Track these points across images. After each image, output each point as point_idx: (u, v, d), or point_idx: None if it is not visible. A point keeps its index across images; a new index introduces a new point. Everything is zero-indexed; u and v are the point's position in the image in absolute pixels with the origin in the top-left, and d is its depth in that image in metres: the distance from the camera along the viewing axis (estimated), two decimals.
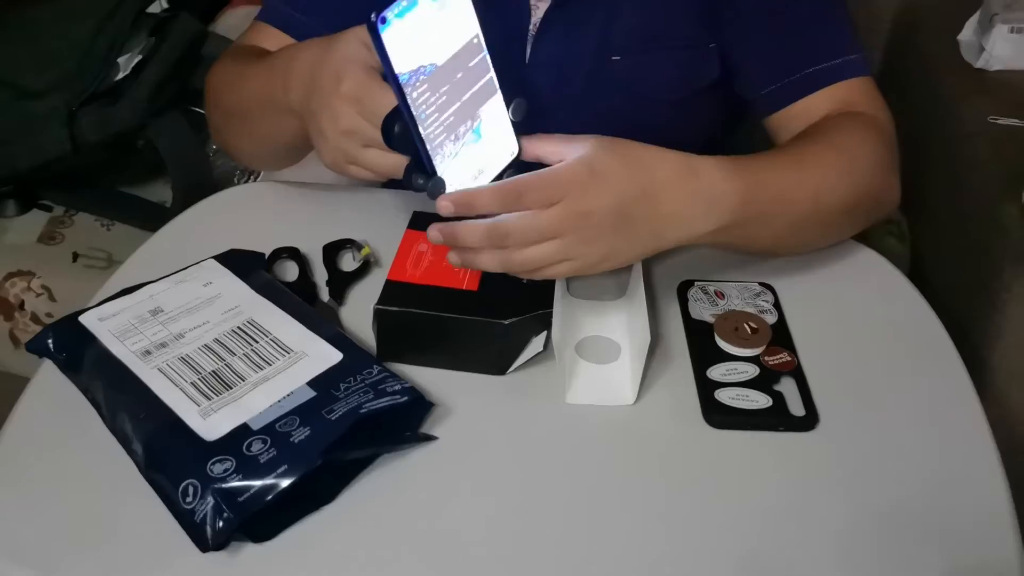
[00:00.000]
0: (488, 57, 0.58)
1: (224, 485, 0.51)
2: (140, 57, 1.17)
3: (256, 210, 0.83)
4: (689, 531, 0.55)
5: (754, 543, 0.55)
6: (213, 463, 0.52)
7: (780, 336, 0.68)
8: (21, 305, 1.14)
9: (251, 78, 0.76)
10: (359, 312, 0.69)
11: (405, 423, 0.59)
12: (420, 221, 0.73)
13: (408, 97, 0.53)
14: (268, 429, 0.54)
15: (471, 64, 0.57)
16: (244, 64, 0.79)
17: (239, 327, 0.62)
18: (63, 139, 1.12)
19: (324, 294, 0.72)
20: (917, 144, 1.25)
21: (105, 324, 0.62)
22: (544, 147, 0.61)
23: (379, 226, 0.77)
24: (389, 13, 0.51)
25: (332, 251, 0.75)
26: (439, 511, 0.56)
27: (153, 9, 1.30)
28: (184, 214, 0.81)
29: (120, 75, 1.14)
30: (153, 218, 1.21)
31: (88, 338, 0.61)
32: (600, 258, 0.60)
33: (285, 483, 0.51)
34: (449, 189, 0.57)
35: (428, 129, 0.55)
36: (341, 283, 0.72)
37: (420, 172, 0.57)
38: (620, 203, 0.59)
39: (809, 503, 0.57)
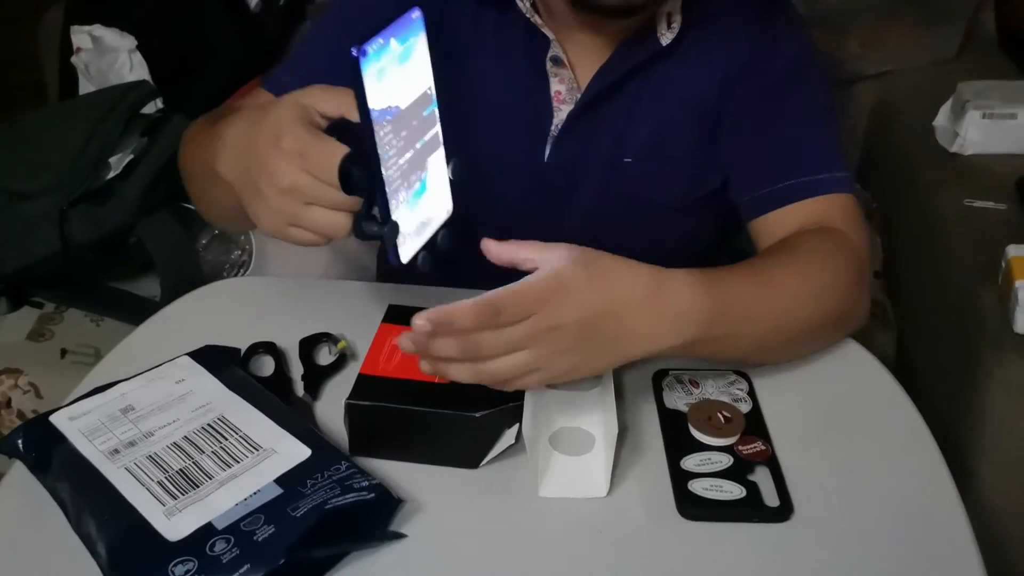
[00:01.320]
0: (436, 111, 0.59)
1: None
2: (132, 156, 1.20)
3: (237, 304, 0.84)
4: None
5: None
6: (175, 565, 0.52)
7: (754, 425, 0.67)
8: (8, 403, 1.14)
9: (200, 144, 0.76)
10: (334, 406, 0.69)
11: (373, 520, 0.58)
12: (394, 315, 0.73)
13: (376, 135, 0.54)
14: (232, 528, 0.54)
15: (424, 114, 0.58)
16: (205, 126, 0.79)
17: (209, 424, 0.62)
18: (53, 240, 1.14)
19: (299, 389, 0.72)
20: (897, 230, 1.27)
21: (75, 423, 0.62)
22: (519, 253, 0.61)
23: (357, 320, 0.78)
24: (369, 48, 0.52)
25: (309, 345, 0.75)
26: None
27: (148, 109, 1.34)
28: (166, 309, 0.82)
29: (111, 174, 1.17)
30: (143, 313, 1.21)
31: (58, 438, 0.61)
32: (568, 369, 0.60)
33: None
34: (400, 239, 0.57)
35: (388, 171, 0.55)
36: (316, 377, 0.72)
37: (372, 220, 0.56)
38: (586, 318, 0.59)
39: None
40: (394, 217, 0.56)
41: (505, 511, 0.62)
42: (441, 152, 0.61)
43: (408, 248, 0.59)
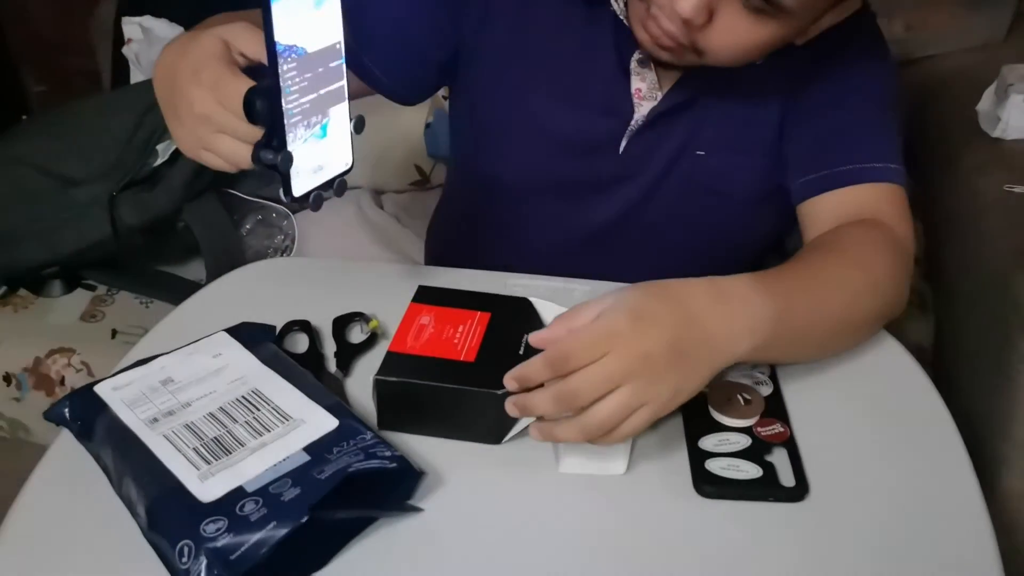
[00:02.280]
0: (344, 66, 0.62)
1: (216, 544, 0.53)
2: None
3: (274, 284, 0.87)
4: None
5: None
6: (207, 523, 0.54)
7: (775, 407, 0.68)
8: (62, 380, 1.19)
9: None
10: (364, 382, 0.72)
11: (396, 492, 0.61)
12: (424, 295, 0.75)
13: (280, 67, 0.57)
14: (261, 491, 0.56)
15: (331, 65, 0.61)
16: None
17: (243, 396, 0.65)
18: (104, 224, 1.18)
19: (331, 365, 0.74)
20: (937, 215, 1.25)
21: (118, 393, 0.65)
22: (575, 320, 0.62)
23: (390, 300, 0.80)
24: None
25: (342, 324, 0.78)
26: None
27: None
28: (206, 288, 0.85)
29: (158, 161, 1.21)
30: (189, 295, 1.26)
31: (101, 407, 0.64)
32: (671, 395, 0.60)
33: (274, 539, 0.53)
34: (294, 170, 0.61)
35: (289, 105, 0.59)
36: (348, 355, 0.75)
37: (269, 148, 0.60)
38: (673, 338, 0.60)
39: (797, 574, 0.57)
40: (289, 148, 0.60)
41: (525, 486, 0.64)
42: (345, 106, 0.63)
43: (301, 184, 0.62)
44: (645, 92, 0.84)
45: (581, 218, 0.92)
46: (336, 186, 0.65)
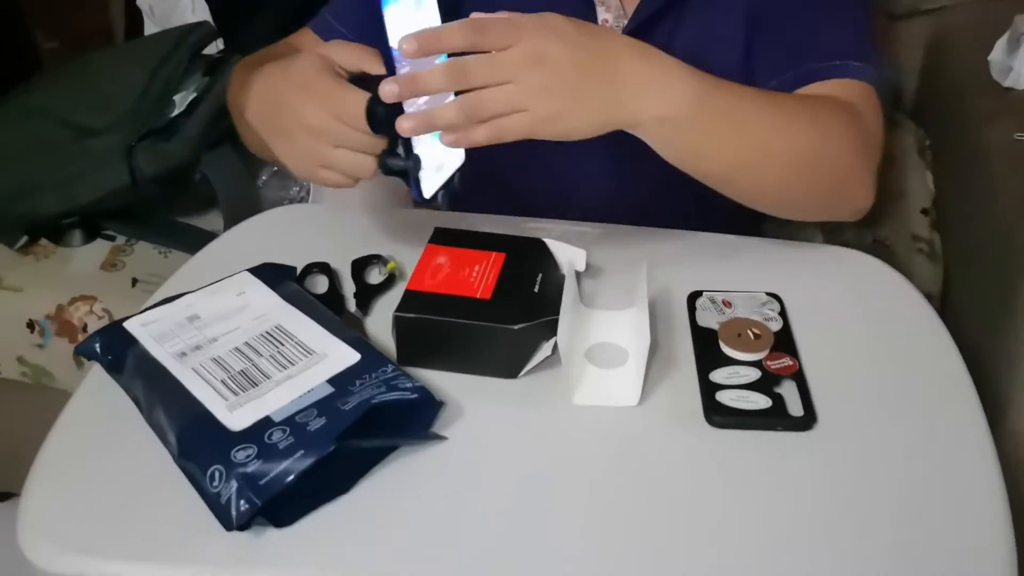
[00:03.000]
0: (447, 58, 0.63)
1: (246, 470, 0.56)
2: (195, 95, 1.25)
3: (293, 230, 0.89)
4: (689, 526, 0.58)
5: (752, 537, 0.57)
6: (237, 450, 0.57)
7: (784, 342, 0.70)
8: (84, 327, 1.21)
9: (239, 86, 0.81)
10: (383, 321, 0.74)
11: (417, 421, 0.63)
12: (441, 236, 0.77)
13: (397, 70, 0.59)
14: (288, 421, 0.59)
15: (435, 62, 0.62)
16: (248, 70, 0.83)
17: (267, 332, 0.67)
18: (122, 173, 1.20)
19: (351, 305, 0.76)
20: (947, 165, 1.26)
21: (147, 329, 0.67)
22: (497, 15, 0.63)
23: (405, 243, 0.82)
24: None
25: (360, 266, 0.80)
26: (448, 504, 0.59)
27: (209, 51, 1.39)
28: (226, 234, 0.87)
29: (176, 112, 1.22)
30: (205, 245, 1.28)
31: (131, 341, 0.66)
32: (554, 112, 0.61)
33: (301, 467, 0.55)
34: (422, 174, 0.62)
35: (409, 109, 0.60)
36: (367, 295, 0.77)
37: (395, 156, 0.61)
38: (575, 53, 0.61)
39: (804, 500, 0.59)
40: (416, 151, 0.61)
41: (541, 418, 0.66)
42: (450, 98, 0.64)
43: (429, 184, 0.64)
44: (612, 22, 0.85)
45: (576, 161, 0.93)
46: (456, 181, 0.66)
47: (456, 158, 0.66)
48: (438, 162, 0.65)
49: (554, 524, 0.58)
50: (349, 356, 0.64)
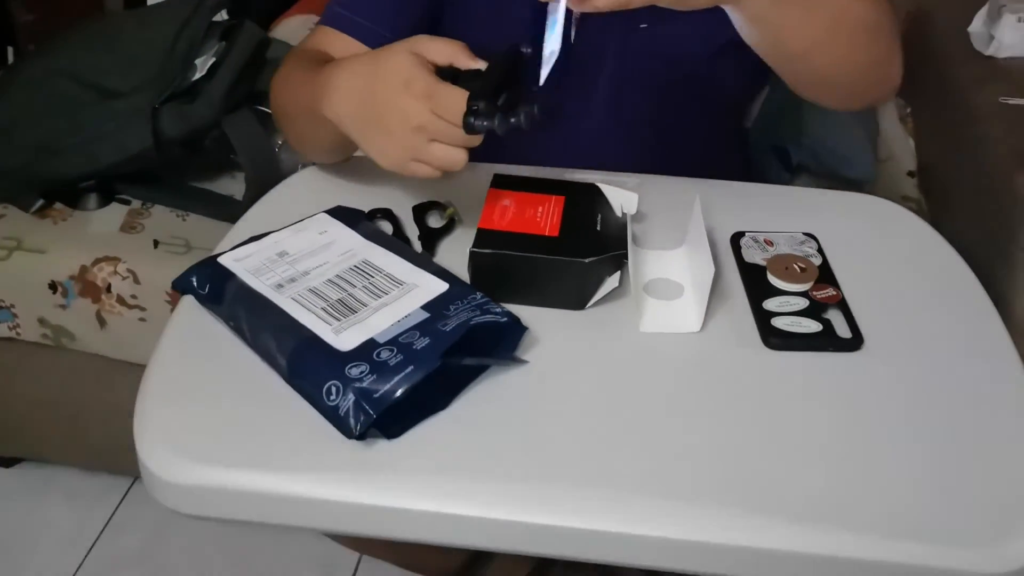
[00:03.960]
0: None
1: (361, 384, 0.60)
2: (214, 60, 1.27)
3: (350, 180, 0.91)
4: (752, 437, 0.64)
5: (811, 444, 0.63)
6: (350, 368, 0.61)
7: (825, 276, 0.76)
8: (108, 288, 1.23)
9: (299, 86, 0.84)
10: (447, 263, 0.78)
11: (505, 344, 0.68)
12: (501, 181, 0.82)
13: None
14: (393, 341, 0.63)
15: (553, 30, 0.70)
16: (298, 71, 0.87)
17: (355, 266, 0.71)
18: (146, 136, 1.22)
19: (417, 247, 0.81)
20: (931, 131, 1.34)
21: (241, 264, 0.71)
22: None
23: (457, 191, 0.87)
24: None
25: (421, 211, 0.84)
26: (532, 419, 0.64)
27: (217, 19, 1.40)
28: (289, 179, 0.91)
29: (197, 75, 1.24)
30: (225, 209, 1.31)
31: (228, 275, 0.70)
32: None
33: (413, 380, 0.60)
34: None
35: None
36: (431, 238, 0.81)
37: (480, 117, 0.66)
38: None
39: (855, 413, 0.66)
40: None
41: (611, 344, 0.71)
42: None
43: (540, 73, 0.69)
44: None
45: (568, 125, 0.96)
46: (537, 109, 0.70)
47: (556, 44, 0.70)
48: (550, 49, 0.69)
49: (627, 437, 0.63)
50: (438, 285, 0.69)
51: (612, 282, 0.74)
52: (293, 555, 1.39)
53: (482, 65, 0.71)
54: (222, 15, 1.46)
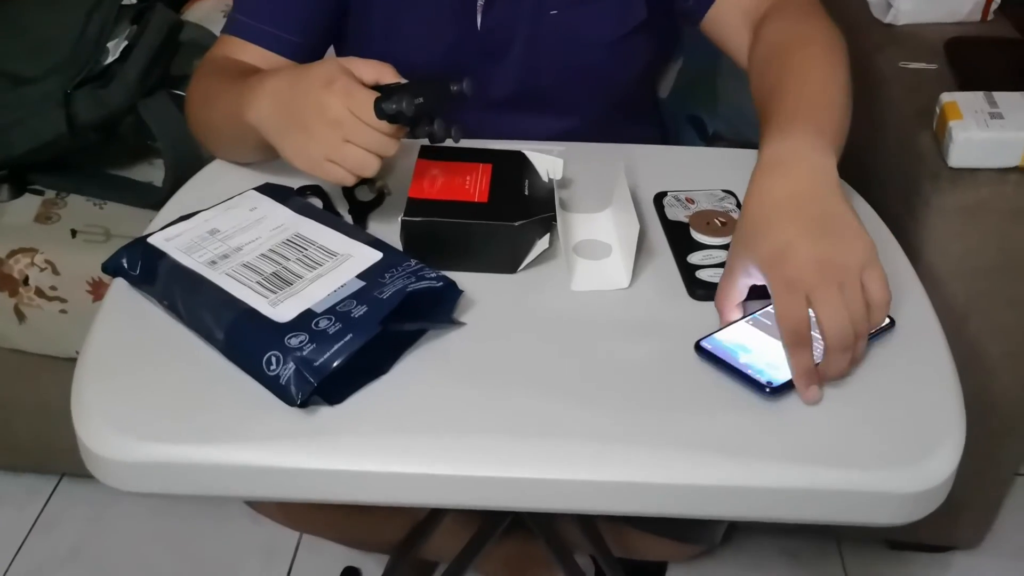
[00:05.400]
0: None
1: (301, 353, 0.61)
2: (126, 43, 1.24)
3: (277, 161, 0.91)
4: (682, 383, 0.66)
5: (734, 391, 0.66)
6: (289, 338, 0.62)
7: None
8: (25, 280, 1.20)
9: (221, 95, 0.84)
10: (379, 235, 0.78)
11: (441, 307, 0.69)
12: (428, 152, 0.82)
13: None
14: (330, 310, 0.64)
15: None
16: (218, 82, 0.87)
17: (288, 239, 0.72)
18: (59, 121, 1.18)
19: (348, 221, 0.81)
20: None
21: (172, 243, 0.71)
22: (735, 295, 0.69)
23: (385, 165, 0.87)
24: None
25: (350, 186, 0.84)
26: (471, 378, 0.66)
27: (127, 2, 1.37)
28: (211, 165, 0.90)
29: (110, 59, 1.22)
30: (144, 196, 1.29)
31: (159, 254, 0.70)
32: (856, 261, 0.64)
33: (352, 348, 0.61)
34: None
35: None
36: (362, 211, 0.82)
37: (390, 101, 0.70)
38: (805, 225, 0.65)
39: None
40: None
41: (544, 304, 0.73)
42: None
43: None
44: None
45: (480, 108, 0.94)
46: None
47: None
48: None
49: (564, 390, 0.65)
50: (371, 255, 0.70)
51: (542, 244, 0.76)
52: (233, 541, 1.38)
53: (404, 82, 0.73)
54: None
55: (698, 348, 0.67)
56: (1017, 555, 1.36)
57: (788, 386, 0.64)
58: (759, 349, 0.67)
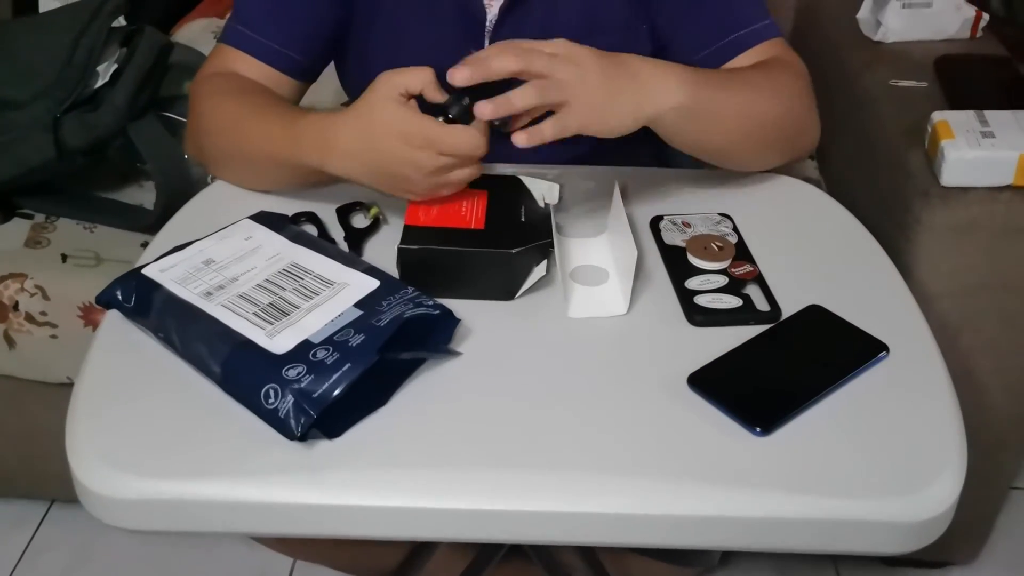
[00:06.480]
0: None
1: (299, 385, 0.60)
2: (116, 66, 1.23)
3: (248, 195, 0.90)
4: (681, 411, 0.66)
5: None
6: (287, 369, 0.61)
7: (742, 253, 0.80)
8: (15, 305, 1.19)
9: (256, 129, 0.83)
10: (375, 262, 0.78)
11: (438, 336, 0.69)
12: None
13: None
14: (328, 340, 0.63)
15: None
16: (245, 109, 0.86)
17: (284, 269, 0.71)
18: (47, 146, 1.17)
19: (344, 248, 0.81)
20: (826, 112, 1.41)
21: (166, 274, 0.70)
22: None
23: (374, 194, 0.87)
24: None
25: (344, 212, 0.84)
26: (470, 409, 0.66)
27: (116, 24, 1.37)
28: (203, 192, 0.89)
29: (100, 82, 1.21)
30: (134, 219, 1.28)
31: (154, 286, 0.69)
32: (595, 105, 0.72)
33: (351, 377, 0.60)
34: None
35: None
36: (357, 238, 0.81)
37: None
38: (602, 64, 0.72)
39: None
40: None
41: (542, 330, 0.73)
42: None
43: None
44: None
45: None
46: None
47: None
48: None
49: (563, 416, 0.65)
50: (368, 283, 0.69)
51: (540, 271, 0.75)
52: (226, 566, 1.37)
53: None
54: (120, 21, 1.42)
55: (691, 382, 0.67)
56: (1013, 569, 1.36)
57: (779, 423, 0.64)
58: (751, 382, 0.67)
